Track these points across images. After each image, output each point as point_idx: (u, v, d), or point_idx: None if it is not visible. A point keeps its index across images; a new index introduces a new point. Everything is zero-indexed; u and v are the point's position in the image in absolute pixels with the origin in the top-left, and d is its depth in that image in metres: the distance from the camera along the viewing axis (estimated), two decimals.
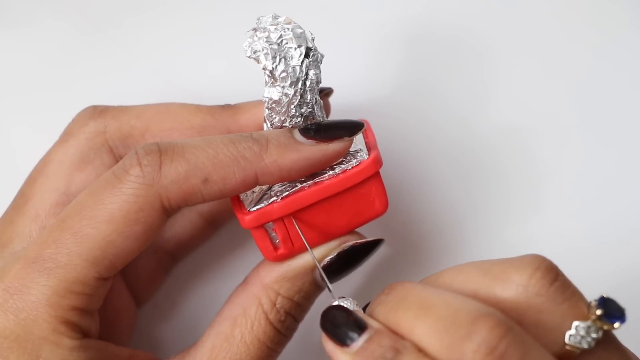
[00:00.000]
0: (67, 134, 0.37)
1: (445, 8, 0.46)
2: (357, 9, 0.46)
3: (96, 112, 0.37)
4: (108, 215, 0.32)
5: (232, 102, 0.39)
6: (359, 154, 0.35)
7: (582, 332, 0.28)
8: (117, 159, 0.37)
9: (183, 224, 0.42)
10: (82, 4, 0.46)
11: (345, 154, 0.34)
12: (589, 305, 0.29)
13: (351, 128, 0.34)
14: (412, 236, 0.45)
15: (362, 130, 0.34)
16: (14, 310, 0.32)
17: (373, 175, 0.34)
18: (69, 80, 0.46)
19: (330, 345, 0.30)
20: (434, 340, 0.28)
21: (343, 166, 0.34)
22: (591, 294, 0.29)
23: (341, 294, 0.42)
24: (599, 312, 0.28)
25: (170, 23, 0.46)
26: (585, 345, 0.28)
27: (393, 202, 0.36)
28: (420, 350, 0.28)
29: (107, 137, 0.37)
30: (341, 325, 0.30)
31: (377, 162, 0.34)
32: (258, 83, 0.35)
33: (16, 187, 0.38)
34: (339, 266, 0.35)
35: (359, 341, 0.29)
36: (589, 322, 0.29)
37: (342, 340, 0.30)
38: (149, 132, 0.37)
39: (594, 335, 0.28)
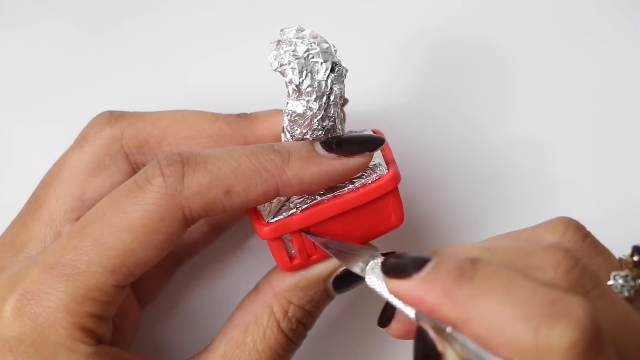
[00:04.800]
0: (82, 139, 0.37)
1: (464, 21, 0.46)
2: (375, 18, 0.46)
3: (112, 117, 0.37)
4: (129, 224, 0.32)
5: (231, 99, 0.39)
6: (378, 169, 0.35)
7: (621, 281, 0.29)
8: (132, 165, 0.37)
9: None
10: (82, 4, 0.46)
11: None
12: (620, 259, 0.30)
13: (372, 143, 0.34)
14: (427, 246, 0.45)
15: (383, 145, 0.34)
16: (31, 315, 0.32)
17: (392, 190, 0.34)
18: (69, 80, 0.46)
19: (394, 284, 0.28)
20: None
21: (363, 180, 0.34)
22: None
23: (343, 297, 0.43)
24: (635, 258, 0.29)
25: (171, 23, 0.46)
26: (625, 294, 0.29)
27: (408, 211, 0.36)
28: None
29: (124, 144, 0.37)
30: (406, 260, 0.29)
31: (397, 177, 0.34)
32: (257, 80, 0.34)
33: (17, 187, 0.38)
34: (352, 278, 0.35)
35: (430, 264, 0.28)
36: (626, 271, 0.29)
37: (407, 272, 0.28)
38: (165, 140, 0.37)
39: (631, 283, 0.29)
